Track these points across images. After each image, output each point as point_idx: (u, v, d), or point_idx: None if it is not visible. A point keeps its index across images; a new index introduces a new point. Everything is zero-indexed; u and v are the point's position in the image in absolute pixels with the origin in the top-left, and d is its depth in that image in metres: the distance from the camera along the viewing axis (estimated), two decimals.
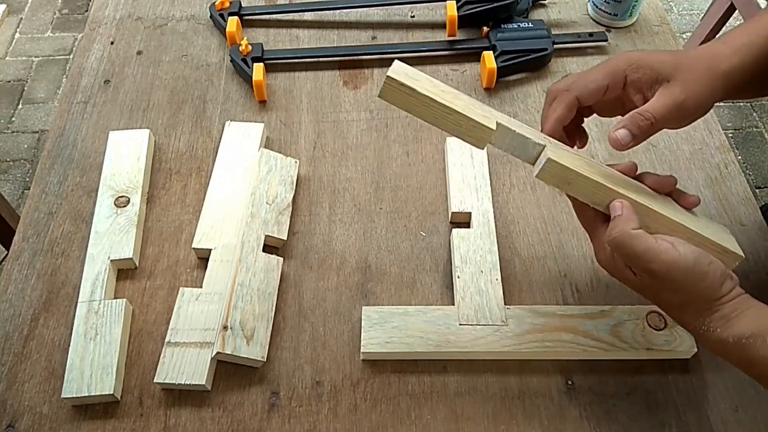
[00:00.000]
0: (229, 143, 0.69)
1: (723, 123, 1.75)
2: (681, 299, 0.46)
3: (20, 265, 0.63)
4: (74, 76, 0.79)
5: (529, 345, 0.55)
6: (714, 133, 0.73)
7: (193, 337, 0.56)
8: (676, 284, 0.45)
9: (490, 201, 0.65)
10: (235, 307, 0.57)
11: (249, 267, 0.59)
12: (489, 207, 0.64)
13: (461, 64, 0.79)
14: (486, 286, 0.59)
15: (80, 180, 0.69)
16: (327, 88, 0.77)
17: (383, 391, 0.55)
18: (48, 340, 0.58)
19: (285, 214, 0.64)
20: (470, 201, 0.64)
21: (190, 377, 0.54)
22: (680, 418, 0.54)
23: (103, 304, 0.58)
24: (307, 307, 0.60)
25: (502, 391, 0.55)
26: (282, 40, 0.82)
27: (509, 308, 0.57)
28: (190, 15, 0.85)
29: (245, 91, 0.77)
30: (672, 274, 0.44)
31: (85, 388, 0.53)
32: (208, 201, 0.65)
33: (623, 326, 0.56)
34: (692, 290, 0.45)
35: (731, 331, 0.44)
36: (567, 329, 0.56)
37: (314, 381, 0.56)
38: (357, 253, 0.63)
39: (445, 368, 0.56)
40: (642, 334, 0.56)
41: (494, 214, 0.64)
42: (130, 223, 0.63)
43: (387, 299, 0.60)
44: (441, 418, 0.54)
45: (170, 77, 0.78)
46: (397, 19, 0.84)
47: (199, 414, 0.54)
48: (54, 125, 0.74)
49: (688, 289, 0.45)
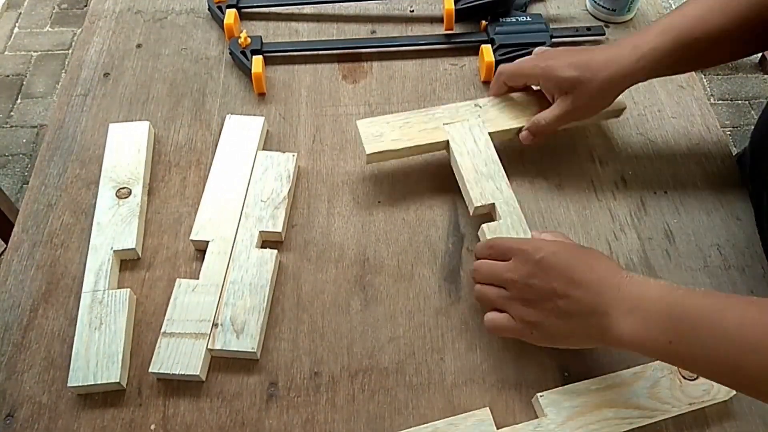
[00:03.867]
0: (229, 136, 0.69)
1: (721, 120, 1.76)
2: (592, 278, 0.49)
3: (20, 256, 0.63)
4: (74, 69, 0.79)
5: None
6: (711, 128, 0.73)
7: (188, 328, 0.56)
8: (581, 262, 0.51)
9: (508, 186, 0.62)
10: (226, 304, 0.58)
11: (241, 265, 0.60)
12: (510, 193, 0.61)
13: (460, 58, 0.79)
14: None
15: (80, 172, 0.69)
16: (326, 81, 0.77)
17: (381, 382, 0.56)
18: (47, 331, 0.58)
19: (281, 208, 0.64)
20: (489, 190, 0.61)
21: (185, 367, 0.54)
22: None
23: (107, 294, 0.58)
24: (305, 299, 0.60)
25: (498, 383, 0.56)
26: (281, 33, 0.82)
27: (542, 396, 0.53)
28: (189, 8, 0.85)
29: (244, 84, 0.77)
30: (571, 251, 0.52)
31: (90, 376, 0.54)
32: (207, 193, 0.65)
33: (659, 385, 0.53)
34: (599, 262, 0.51)
35: (647, 295, 0.47)
36: (607, 404, 0.53)
37: (312, 372, 0.56)
38: (355, 246, 0.64)
39: (442, 359, 0.57)
40: (680, 389, 0.53)
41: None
42: (132, 214, 0.63)
43: (385, 291, 0.61)
44: (438, 409, 0.54)
45: (170, 70, 0.78)
46: (396, 13, 0.84)
47: (198, 404, 0.55)
48: (53, 118, 0.74)
49: (596, 261, 0.51)
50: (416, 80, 0.77)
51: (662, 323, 0.45)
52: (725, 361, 0.43)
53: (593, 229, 0.65)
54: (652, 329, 0.46)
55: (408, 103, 0.75)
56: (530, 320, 0.51)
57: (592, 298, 0.48)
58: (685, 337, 0.44)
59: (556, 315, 0.50)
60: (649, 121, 0.74)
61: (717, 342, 0.43)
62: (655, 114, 0.74)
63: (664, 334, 0.45)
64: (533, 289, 0.51)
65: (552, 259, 0.51)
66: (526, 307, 0.51)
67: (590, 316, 0.49)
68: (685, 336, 0.44)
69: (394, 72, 0.78)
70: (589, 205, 0.67)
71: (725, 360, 0.43)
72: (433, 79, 0.77)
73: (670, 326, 0.45)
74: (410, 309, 0.60)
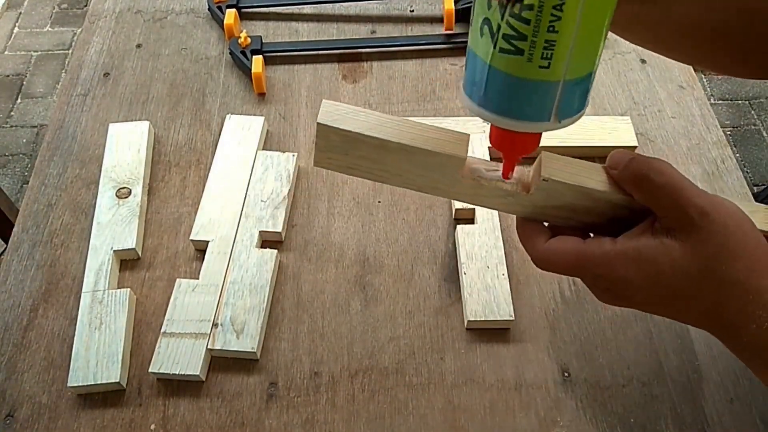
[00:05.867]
0: (229, 136, 0.69)
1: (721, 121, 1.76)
2: (744, 266, 0.33)
3: (20, 256, 0.63)
4: (74, 69, 0.79)
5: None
6: (711, 128, 0.73)
7: (188, 328, 0.56)
8: (733, 239, 0.33)
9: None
10: (226, 304, 0.58)
11: (241, 265, 0.60)
12: None
13: (460, 58, 0.79)
14: (493, 282, 0.59)
15: (80, 172, 0.69)
16: (326, 81, 0.77)
17: (381, 382, 0.56)
18: (47, 331, 0.58)
19: (281, 207, 0.64)
20: None
21: (185, 367, 0.54)
22: (675, 410, 0.54)
23: (107, 294, 0.58)
24: (305, 299, 0.60)
25: (498, 383, 0.56)
26: (281, 33, 0.82)
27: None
28: (189, 8, 0.85)
29: (244, 84, 0.77)
30: (724, 220, 0.33)
31: (91, 376, 0.54)
32: (207, 193, 0.65)
33: None
34: (751, 245, 0.34)
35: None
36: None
37: (312, 372, 0.56)
38: (355, 246, 0.64)
39: (442, 359, 0.57)
40: None
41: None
42: (132, 214, 0.63)
43: (385, 291, 0.61)
44: (438, 409, 0.54)
45: (170, 70, 0.78)
46: (396, 13, 0.84)
47: (198, 404, 0.55)
48: (53, 118, 0.74)
49: (747, 243, 0.33)
50: (416, 80, 0.77)
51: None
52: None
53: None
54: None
55: (408, 103, 0.75)
56: (619, 304, 0.38)
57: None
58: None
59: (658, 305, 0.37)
60: (649, 121, 0.74)
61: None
62: (655, 114, 0.74)
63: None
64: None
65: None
66: (618, 300, 0.38)
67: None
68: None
69: (394, 72, 0.78)
70: None
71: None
72: (433, 79, 0.77)
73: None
74: (410, 309, 0.60)
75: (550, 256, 0.38)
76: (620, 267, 0.35)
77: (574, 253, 0.36)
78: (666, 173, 0.34)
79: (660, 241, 0.34)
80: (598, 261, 0.35)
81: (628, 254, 0.34)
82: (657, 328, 0.58)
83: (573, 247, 0.36)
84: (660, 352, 0.57)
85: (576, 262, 0.36)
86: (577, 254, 0.36)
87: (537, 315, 0.59)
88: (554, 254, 0.37)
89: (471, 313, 0.57)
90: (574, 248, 0.36)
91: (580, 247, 0.36)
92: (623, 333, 0.58)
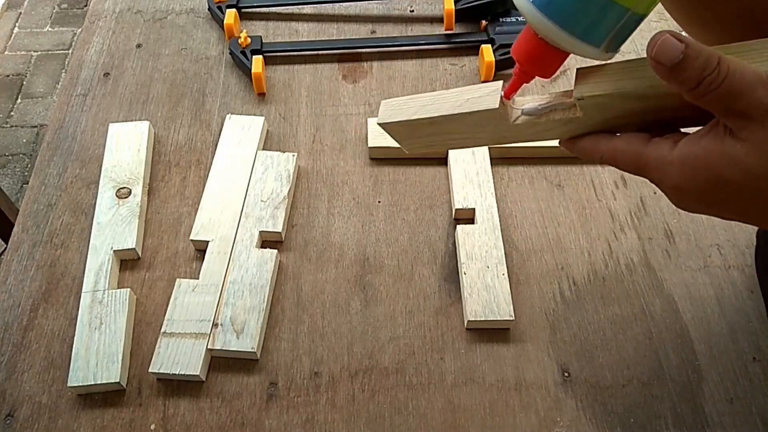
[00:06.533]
0: (229, 136, 0.69)
1: None
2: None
3: (20, 256, 0.63)
4: (74, 68, 0.79)
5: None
6: None
7: (188, 328, 0.56)
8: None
9: (493, 196, 0.65)
10: (227, 304, 0.58)
11: (241, 264, 0.60)
12: (492, 202, 0.64)
13: (460, 58, 0.79)
14: (493, 282, 0.59)
15: (80, 172, 0.69)
16: (326, 81, 0.77)
17: (381, 382, 0.56)
18: (47, 331, 0.58)
19: (281, 207, 0.64)
20: (473, 197, 0.65)
21: (185, 367, 0.54)
22: (675, 409, 0.54)
23: (107, 294, 0.58)
24: (305, 299, 0.60)
25: (498, 383, 0.56)
26: (281, 33, 0.82)
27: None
28: (189, 8, 0.85)
29: (244, 84, 0.77)
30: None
31: (90, 376, 0.54)
32: (207, 193, 0.65)
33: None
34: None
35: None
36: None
37: (312, 372, 0.56)
38: (355, 246, 0.64)
39: (442, 359, 0.57)
40: None
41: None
42: (132, 214, 0.63)
43: (385, 291, 0.61)
44: (438, 409, 0.54)
45: (170, 70, 0.78)
46: (396, 13, 0.84)
47: (198, 404, 0.55)
48: (53, 118, 0.74)
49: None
50: (416, 80, 0.77)
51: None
52: None
53: (593, 229, 0.65)
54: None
55: None
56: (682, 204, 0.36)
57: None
58: None
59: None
60: None
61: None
62: None
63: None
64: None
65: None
66: (682, 204, 0.36)
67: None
68: None
69: (394, 72, 0.78)
70: (589, 205, 0.67)
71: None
72: (433, 79, 0.77)
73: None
74: (410, 309, 0.60)
75: (615, 155, 0.37)
76: (673, 174, 0.34)
77: (634, 155, 0.36)
78: (728, 73, 0.30)
79: (722, 144, 0.32)
80: (653, 166, 0.35)
81: (684, 161, 0.33)
82: (657, 328, 0.58)
83: (634, 150, 0.36)
84: (660, 352, 0.57)
85: (636, 164, 0.36)
86: (638, 157, 0.36)
87: (537, 315, 0.59)
88: (619, 154, 0.37)
89: (471, 313, 0.57)
90: (635, 151, 0.36)
91: (640, 150, 0.35)
92: (623, 333, 0.58)
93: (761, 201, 0.33)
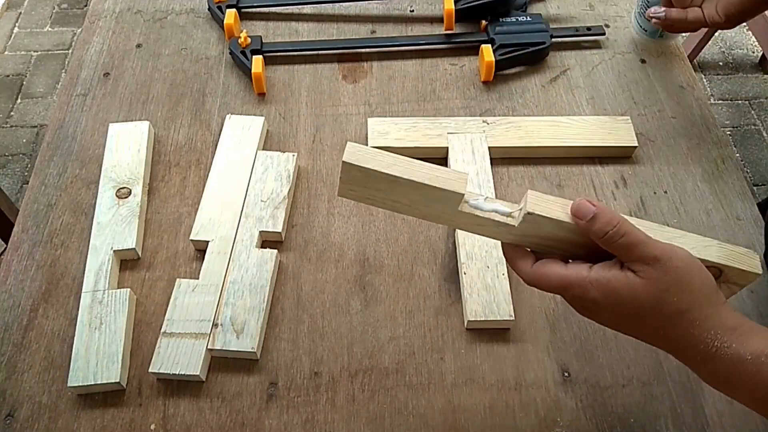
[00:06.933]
0: (229, 136, 0.69)
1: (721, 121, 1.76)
2: (689, 299, 0.40)
3: (20, 256, 0.63)
4: (74, 68, 0.79)
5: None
6: (711, 128, 0.73)
7: (188, 328, 0.56)
8: (681, 278, 0.40)
9: (493, 197, 0.65)
10: (227, 304, 0.58)
11: (241, 264, 0.60)
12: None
13: (460, 58, 0.79)
14: (493, 282, 0.59)
15: (80, 172, 0.69)
16: (326, 81, 0.77)
17: (381, 382, 0.56)
18: (47, 331, 0.58)
19: (280, 207, 0.64)
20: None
21: (185, 367, 0.54)
22: (675, 409, 0.54)
23: (107, 294, 0.58)
24: (305, 299, 0.60)
25: (498, 383, 0.56)
26: (281, 33, 0.82)
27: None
28: (189, 8, 0.85)
29: (244, 84, 0.77)
30: (675, 263, 0.40)
31: (90, 376, 0.54)
32: (207, 193, 0.65)
33: None
34: (696, 282, 0.40)
35: (749, 346, 0.39)
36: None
37: (312, 372, 0.56)
38: (355, 246, 0.64)
39: (442, 359, 0.57)
40: None
41: None
42: (132, 214, 0.63)
43: (385, 291, 0.61)
44: (438, 409, 0.54)
45: (170, 70, 0.78)
46: (396, 13, 0.84)
47: (198, 404, 0.55)
48: (53, 118, 0.74)
49: (692, 281, 0.40)
50: (416, 80, 0.77)
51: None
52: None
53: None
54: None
55: (408, 103, 0.75)
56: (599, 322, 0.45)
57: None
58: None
59: (669, 316, 0.42)
60: (649, 121, 0.74)
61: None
62: (655, 114, 0.74)
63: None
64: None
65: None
66: (591, 316, 0.45)
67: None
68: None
69: (394, 72, 0.78)
70: None
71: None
72: (433, 79, 0.77)
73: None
74: (410, 309, 0.60)
75: (538, 278, 0.44)
76: (592, 291, 0.42)
77: (557, 276, 0.43)
78: (625, 233, 0.40)
79: (626, 275, 0.41)
80: (575, 284, 0.42)
81: (600, 281, 0.41)
82: None
83: (556, 272, 0.43)
84: (660, 352, 0.57)
85: (559, 284, 0.43)
86: (560, 278, 0.43)
87: (537, 315, 0.59)
88: (541, 276, 0.44)
89: (471, 313, 0.57)
90: (557, 272, 0.43)
91: (562, 272, 0.43)
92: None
93: (646, 326, 0.42)
